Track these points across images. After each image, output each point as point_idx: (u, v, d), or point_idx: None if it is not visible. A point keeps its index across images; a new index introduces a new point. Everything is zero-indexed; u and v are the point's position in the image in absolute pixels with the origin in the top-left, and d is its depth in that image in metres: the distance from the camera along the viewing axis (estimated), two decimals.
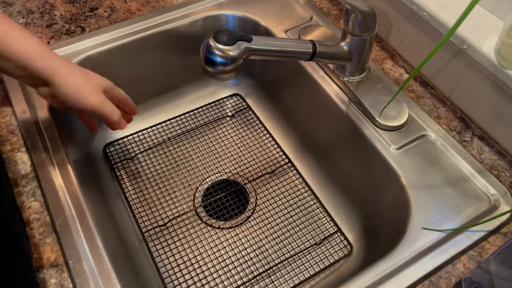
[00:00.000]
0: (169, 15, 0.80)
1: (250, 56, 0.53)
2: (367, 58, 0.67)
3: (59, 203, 0.57)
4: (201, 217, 0.74)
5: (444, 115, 0.68)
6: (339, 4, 0.84)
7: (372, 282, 0.52)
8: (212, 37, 0.51)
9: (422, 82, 0.72)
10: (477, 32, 0.60)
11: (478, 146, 0.64)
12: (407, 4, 0.67)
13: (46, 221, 0.56)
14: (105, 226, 0.62)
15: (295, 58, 0.58)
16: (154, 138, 0.83)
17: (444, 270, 0.53)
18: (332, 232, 0.72)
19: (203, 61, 0.51)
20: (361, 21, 0.60)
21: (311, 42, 0.60)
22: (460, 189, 0.59)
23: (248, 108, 0.89)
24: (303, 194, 0.77)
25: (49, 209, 0.56)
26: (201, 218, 0.74)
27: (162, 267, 0.68)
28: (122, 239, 0.67)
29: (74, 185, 0.59)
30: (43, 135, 0.63)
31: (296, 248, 0.71)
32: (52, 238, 0.55)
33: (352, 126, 0.67)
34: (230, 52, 0.51)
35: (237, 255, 0.70)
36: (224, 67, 0.51)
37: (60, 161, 0.61)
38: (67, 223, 0.55)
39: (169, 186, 0.78)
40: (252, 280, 0.67)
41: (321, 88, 0.72)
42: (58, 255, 0.53)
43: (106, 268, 0.52)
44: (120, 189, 0.76)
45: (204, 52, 0.51)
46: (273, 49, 0.56)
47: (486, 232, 0.56)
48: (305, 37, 0.75)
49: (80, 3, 0.83)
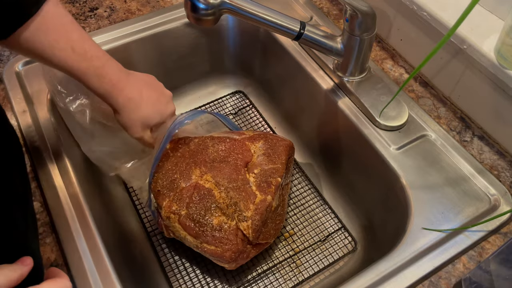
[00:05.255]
0: (169, 15, 0.80)
1: (229, 11, 0.57)
2: (367, 58, 0.67)
3: (59, 203, 0.57)
4: None
5: (444, 115, 0.68)
6: (339, 4, 0.84)
7: (372, 282, 0.52)
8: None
9: (422, 82, 0.72)
10: (477, 32, 0.60)
11: (478, 146, 0.64)
12: (407, 4, 0.67)
13: (46, 221, 0.56)
14: (106, 226, 0.62)
15: (279, 31, 0.59)
16: None
17: (444, 270, 0.53)
18: (336, 228, 0.72)
19: (189, 6, 0.55)
20: (361, 21, 0.60)
21: (301, 23, 0.60)
22: (460, 189, 0.59)
23: (252, 106, 0.89)
24: (307, 192, 0.77)
25: (49, 209, 0.56)
26: None
27: (167, 266, 0.68)
28: (122, 238, 0.67)
29: (74, 185, 0.59)
30: (43, 135, 0.63)
31: (300, 246, 0.71)
32: (52, 238, 0.55)
33: (352, 126, 0.67)
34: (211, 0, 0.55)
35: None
36: (206, 12, 0.55)
37: (60, 161, 0.61)
38: (67, 223, 0.55)
39: None
40: (257, 277, 0.67)
41: (321, 88, 0.72)
42: (58, 255, 0.53)
43: (106, 268, 0.52)
44: (125, 188, 0.76)
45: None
46: (256, 13, 0.58)
47: (486, 232, 0.56)
48: None
49: (80, 3, 0.83)
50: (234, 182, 0.62)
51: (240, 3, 0.56)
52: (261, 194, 0.61)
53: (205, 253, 0.60)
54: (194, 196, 0.61)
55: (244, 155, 0.65)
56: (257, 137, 0.68)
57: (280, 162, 0.65)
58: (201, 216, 0.60)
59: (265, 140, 0.68)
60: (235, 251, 0.59)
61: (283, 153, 0.66)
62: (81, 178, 0.61)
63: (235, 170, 0.63)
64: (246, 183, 0.62)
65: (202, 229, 0.59)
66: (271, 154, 0.66)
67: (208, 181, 0.62)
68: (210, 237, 0.59)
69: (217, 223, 0.59)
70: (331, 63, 0.71)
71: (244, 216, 0.59)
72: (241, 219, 0.59)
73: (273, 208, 0.63)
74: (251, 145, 0.67)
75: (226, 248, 0.58)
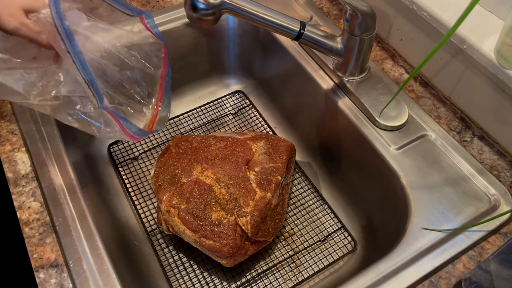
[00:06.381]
0: (169, 15, 0.80)
1: (229, 11, 0.57)
2: (367, 58, 0.67)
3: (59, 203, 0.57)
4: None
5: (444, 115, 0.68)
6: (339, 4, 0.84)
7: (372, 282, 0.52)
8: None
9: (422, 82, 0.72)
10: (477, 32, 0.60)
11: (478, 146, 0.64)
12: (407, 4, 0.67)
13: (46, 221, 0.56)
14: (105, 226, 0.62)
15: (279, 31, 0.60)
16: (157, 137, 0.84)
17: (444, 270, 0.53)
18: (336, 228, 0.72)
19: (189, 5, 0.55)
20: (361, 21, 0.60)
21: (301, 23, 0.60)
22: (460, 189, 0.59)
23: (251, 106, 0.89)
24: (306, 192, 0.77)
25: (49, 209, 0.56)
26: None
27: (167, 266, 0.68)
28: (122, 239, 0.67)
29: (74, 185, 0.59)
30: (43, 135, 0.63)
31: (300, 246, 0.71)
32: (52, 238, 0.55)
33: (352, 126, 0.67)
34: (211, 0, 0.55)
35: None
36: (206, 11, 0.55)
37: (60, 161, 0.61)
38: (67, 223, 0.55)
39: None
40: (257, 277, 0.67)
41: (321, 88, 0.72)
42: (58, 255, 0.53)
43: (106, 268, 0.52)
44: (124, 188, 0.76)
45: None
46: (256, 13, 0.58)
47: (486, 232, 0.56)
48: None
49: None
50: (234, 179, 0.63)
51: (240, 3, 0.56)
52: (261, 191, 0.62)
53: (203, 248, 0.61)
54: (194, 191, 0.62)
55: (245, 153, 0.66)
56: (259, 137, 0.69)
57: (281, 161, 0.66)
58: (201, 210, 0.60)
59: (266, 140, 0.68)
60: (233, 246, 0.59)
61: (284, 153, 0.67)
62: (81, 178, 0.61)
63: (236, 167, 0.64)
64: (246, 180, 0.63)
65: (201, 223, 0.60)
66: (272, 153, 0.66)
67: (209, 177, 0.63)
68: (209, 231, 0.59)
69: (216, 218, 0.60)
70: (331, 63, 0.71)
71: (243, 212, 0.60)
72: (240, 215, 0.60)
73: (273, 206, 0.64)
74: (253, 144, 0.67)
75: (224, 243, 0.59)
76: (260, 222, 0.61)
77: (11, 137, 0.63)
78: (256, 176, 0.63)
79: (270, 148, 0.67)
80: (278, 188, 0.65)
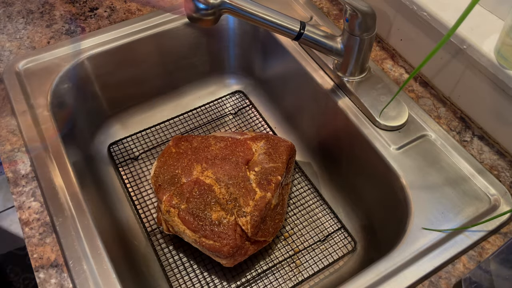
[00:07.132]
0: (169, 15, 0.80)
1: (229, 11, 0.57)
2: (367, 58, 0.67)
3: (59, 203, 0.57)
4: None
5: (444, 115, 0.68)
6: (339, 4, 0.84)
7: (372, 282, 0.52)
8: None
9: (422, 82, 0.72)
10: (477, 32, 0.60)
11: (478, 146, 0.64)
12: (407, 4, 0.67)
13: (46, 221, 0.56)
14: (105, 226, 0.62)
15: (279, 31, 0.60)
16: (158, 138, 0.84)
17: (444, 270, 0.53)
18: (336, 228, 0.72)
19: (189, 6, 0.56)
20: (361, 21, 0.60)
21: (301, 23, 0.60)
22: (460, 189, 0.59)
23: (251, 106, 0.89)
24: (306, 192, 0.77)
25: (49, 209, 0.56)
26: None
27: (167, 266, 0.68)
28: (122, 239, 0.67)
29: (74, 185, 0.59)
30: (43, 135, 0.63)
31: (300, 245, 0.71)
32: (52, 238, 0.55)
33: (352, 126, 0.67)
34: (211, 0, 0.55)
35: None
36: (206, 11, 0.56)
37: (60, 161, 0.61)
38: (67, 223, 0.55)
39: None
40: (257, 277, 0.67)
41: (321, 88, 0.72)
42: (58, 255, 0.53)
43: (106, 268, 0.52)
44: (124, 188, 0.76)
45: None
46: (256, 13, 0.58)
47: (486, 232, 0.56)
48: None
49: (80, 3, 0.83)
50: (234, 179, 0.63)
51: (240, 3, 0.56)
52: (261, 191, 0.62)
53: (203, 248, 0.61)
54: (194, 191, 0.62)
55: (245, 153, 0.66)
56: (259, 137, 0.69)
57: (281, 161, 0.66)
58: (201, 210, 0.60)
59: (266, 140, 0.68)
60: (233, 246, 0.59)
61: (284, 153, 0.67)
62: (81, 178, 0.61)
63: (236, 167, 0.64)
64: (246, 180, 0.63)
65: (201, 223, 0.60)
66: (272, 153, 0.66)
67: (209, 177, 0.63)
68: (209, 231, 0.59)
69: (216, 218, 0.60)
70: (331, 63, 0.71)
71: (243, 212, 0.60)
72: (240, 215, 0.60)
73: (273, 206, 0.64)
74: (253, 144, 0.67)
75: (224, 243, 0.59)
76: (260, 222, 0.61)
77: (11, 137, 0.63)
78: (256, 176, 0.64)
79: (270, 148, 0.67)
80: (278, 188, 0.65)
